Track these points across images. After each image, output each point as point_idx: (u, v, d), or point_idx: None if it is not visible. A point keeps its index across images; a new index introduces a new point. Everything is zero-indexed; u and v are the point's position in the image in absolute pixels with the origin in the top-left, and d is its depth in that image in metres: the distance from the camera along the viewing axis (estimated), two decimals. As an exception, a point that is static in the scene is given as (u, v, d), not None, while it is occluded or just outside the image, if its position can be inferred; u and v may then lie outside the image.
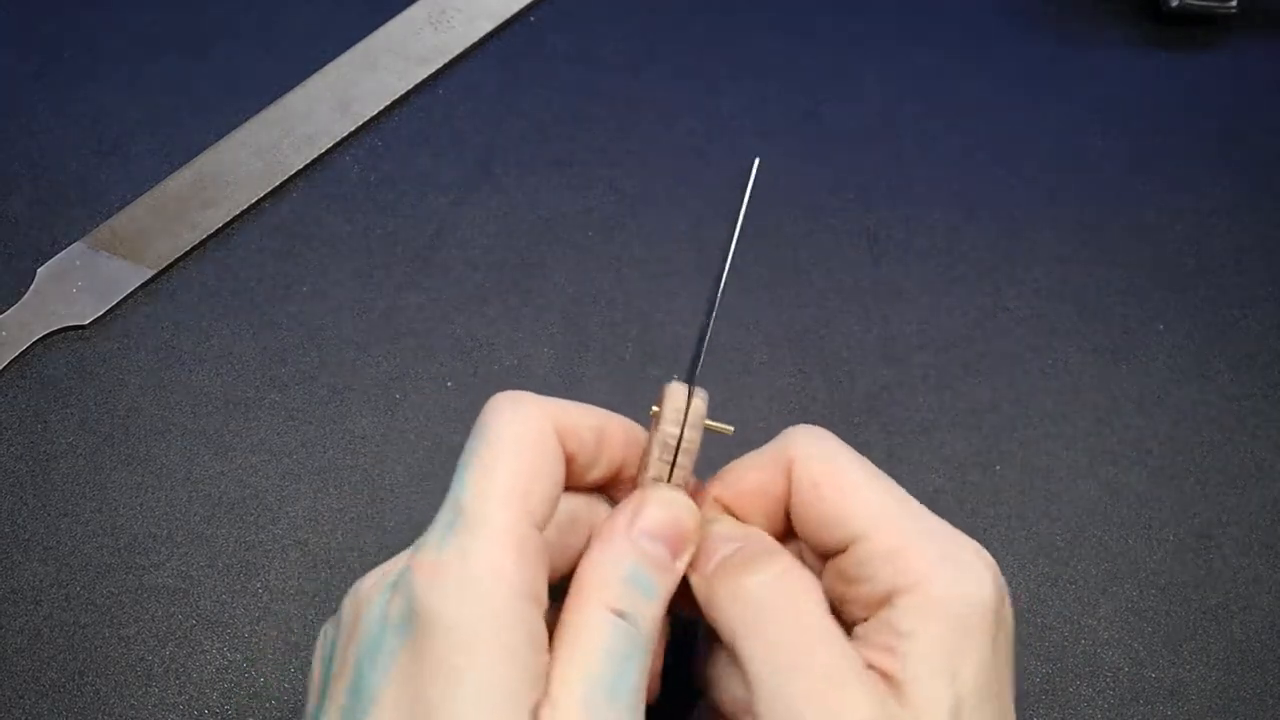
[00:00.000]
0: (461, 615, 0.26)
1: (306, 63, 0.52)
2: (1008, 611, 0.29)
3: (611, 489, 0.33)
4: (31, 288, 0.45)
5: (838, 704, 0.27)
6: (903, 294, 0.47)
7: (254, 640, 0.39)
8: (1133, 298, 0.48)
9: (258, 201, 0.48)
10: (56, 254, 0.46)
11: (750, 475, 0.32)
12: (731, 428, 0.32)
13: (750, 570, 0.29)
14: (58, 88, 0.51)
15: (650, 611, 0.28)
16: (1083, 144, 0.52)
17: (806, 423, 0.32)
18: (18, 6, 0.53)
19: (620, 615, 0.28)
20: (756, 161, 0.33)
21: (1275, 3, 0.56)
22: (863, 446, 0.43)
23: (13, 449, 0.42)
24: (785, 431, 0.31)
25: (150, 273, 0.46)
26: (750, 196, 0.33)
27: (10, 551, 0.40)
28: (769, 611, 0.28)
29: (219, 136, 0.49)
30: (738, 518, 0.32)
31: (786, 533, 0.32)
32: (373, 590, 0.29)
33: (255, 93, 0.51)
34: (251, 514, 0.41)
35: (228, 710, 0.38)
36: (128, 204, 0.47)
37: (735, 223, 0.33)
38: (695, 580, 0.30)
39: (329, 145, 0.49)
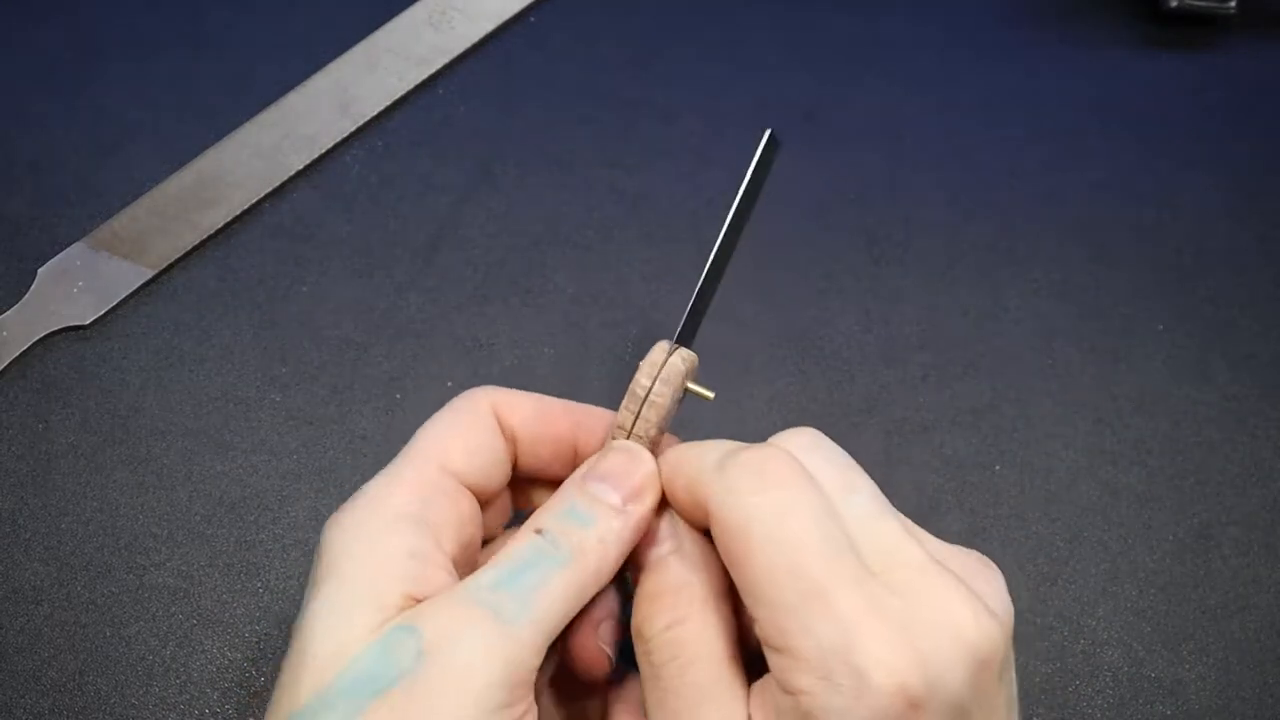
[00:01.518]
0: (338, 533, 0.29)
1: (307, 63, 0.52)
2: (925, 713, 0.26)
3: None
4: (32, 288, 0.45)
5: None
6: (903, 294, 0.47)
7: (254, 640, 0.39)
8: (1132, 298, 0.48)
9: (258, 202, 0.48)
10: (57, 254, 0.46)
11: (680, 489, 0.30)
12: (712, 394, 0.33)
13: (651, 617, 0.29)
14: (58, 88, 0.51)
15: (578, 536, 0.29)
16: (1083, 144, 0.52)
17: (807, 423, 0.31)
18: (18, 6, 0.53)
19: (539, 532, 0.29)
20: (767, 133, 0.33)
21: (1275, 3, 0.56)
22: (862, 446, 0.44)
23: (13, 449, 0.42)
24: (728, 458, 0.29)
25: (150, 273, 0.46)
26: (755, 168, 0.33)
27: (11, 551, 0.40)
28: (660, 663, 0.28)
29: (219, 137, 0.49)
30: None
31: None
32: None
33: (256, 93, 0.51)
34: (251, 514, 0.41)
35: (228, 710, 0.38)
36: (128, 204, 0.47)
37: (738, 189, 0.33)
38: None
39: (329, 145, 0.49)
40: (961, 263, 0.48)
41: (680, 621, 0.28)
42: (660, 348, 0.33)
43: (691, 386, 0.33)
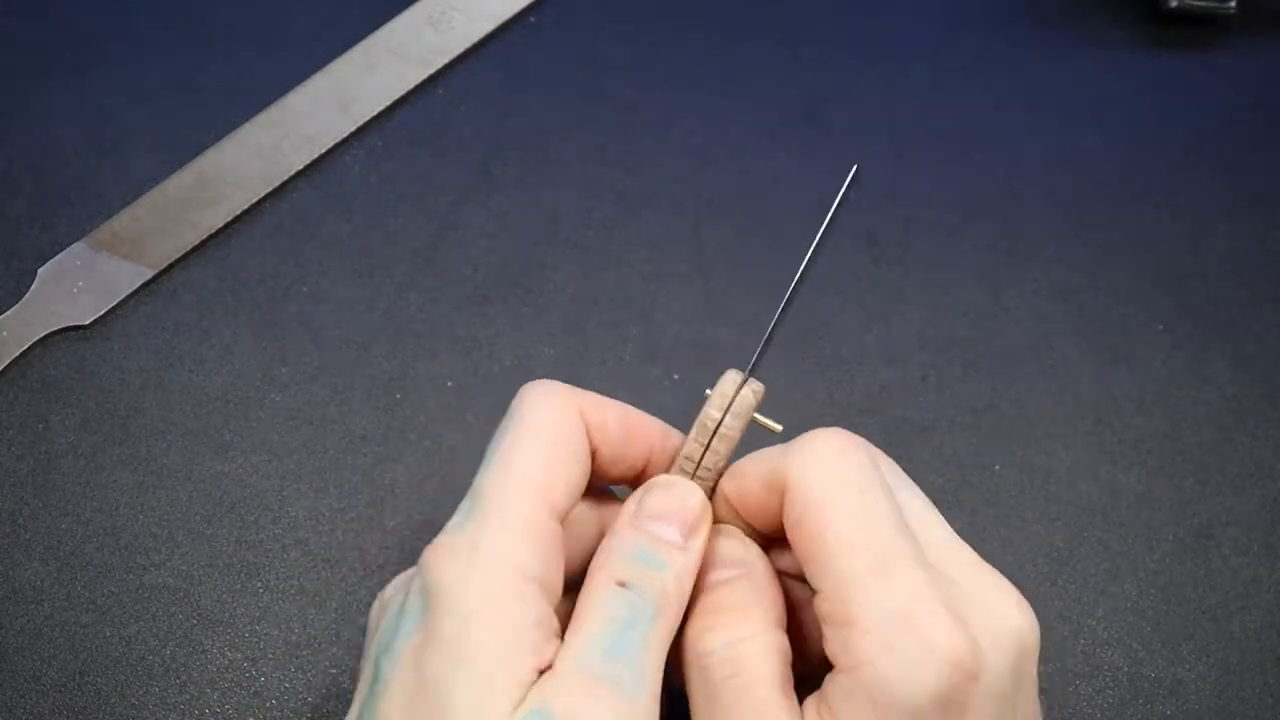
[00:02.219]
0: (465, 592, 0.27)
1: (307, 63, 0.52)
2: (973, 700, 0.27)
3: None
4: (32, 288, 0.45)
5: None
6: (903, 294, 0.47)
7: (254, 640, 0.39)
8: (1132, 298, 0.48)
9: (258, 202, 0.48)
10: (57, 254, 0.46)
11: (752, 482, 0.31)
12: (780, 427, 0.32)
13: (714, 630, 0.29)
14: (58, 88, 0.51)
15: (659, 582, 0.28)
16: (1083, 144, 0.52)
17: (807, 424, 0.31)
18: (19, 7, 0.53)
19: (623, 585, 0.28)
20: (854, 169, 0.33)
21: (1275, 3, 0.56)
22: (862, 446, 0.43)
23: (13, 449, 0.42)
24: (802, 437, 0.30)
25: (150, 273, 0.46)
26: (840, 203, 0.33)
27: (11, 551, 0.40)
28: (720, 679, 0.28)
29: (219, 136, 0.49)
30: (744, 518, 0.31)
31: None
32: (394, 592, 0.29)
33: (256, 93, 0.51)
34: (251, 514, 0.41)
35: (228, 710, 0.38)
36: (128, 204, 0.47)
37: (823, 224, 0.33)
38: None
39: (329, 145, 0.49)
40: (961, 263, 0.48)
41: (747, 639, 0.28)
42: (731, 379, 0.32)
43: (759, 419, 0.32)
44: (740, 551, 0.31)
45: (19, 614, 0.39)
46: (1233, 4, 0.54)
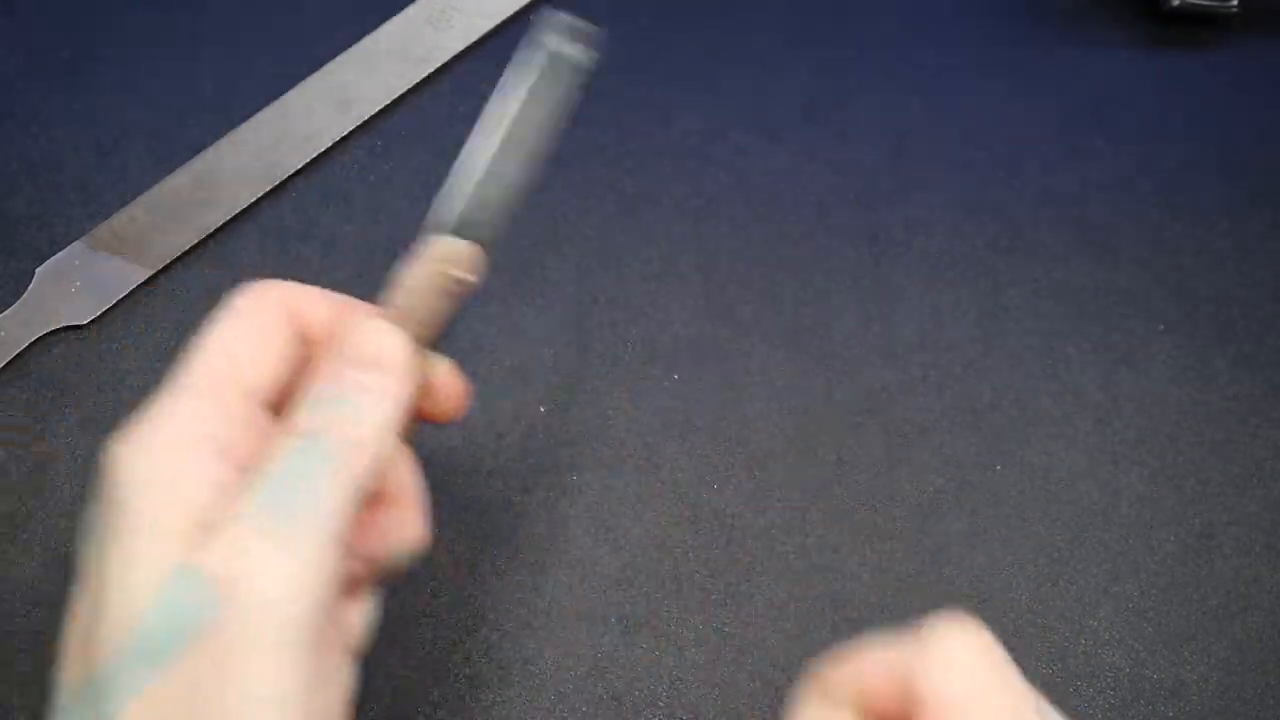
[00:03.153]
0: (128, 461, 0.26)
1: (306, 62, 0.51)
2: None
3: None
4: (30, 287, 0.45)
5: None
6: (903, 294, 0.47)
7: (253, 641, 0.39)
8: (1133, 297, 0.48)
9: (257, 201, 0.48)
10: (55, 254, 0.46)
11: (879, 680, 0.27)
12: (473, 276, 0.32)
13: None
14: (57, 88, 0.51)
15: (341, 425, 0.27)
16: (1083, 144, 0.52)
17: (808, 425, 0.31)
18: (18, 7, 0.53)
19: (299, 434, 0.27)
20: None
21: (1276, 2, 0.56)
22: (863, 446, 0.44)
23: (11, 449, 0.42)
24: (931, 637, 0.26)
25: (149, 273, 0.46)
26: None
27: (9, 551, 0.40)
28: None
29: (218, 136, 0.49)
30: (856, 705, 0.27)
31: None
32: None
33: (254, 92, 0.51)
34: (251, 514, 0.41)
35: (227, 711, 0.38)
36: (127, 204, 0.47)
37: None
38: None
39: (328, 145, 0.49)
40: (961, 263, 0.48)
41: None
42: (453, 255, 0.32)
43: (448, 270, 0.32)
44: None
45: (17, 615, 0.39)
46: (1234, 3, 0.54)
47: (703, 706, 0.39)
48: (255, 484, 0.26)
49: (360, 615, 0.30)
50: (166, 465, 0.26)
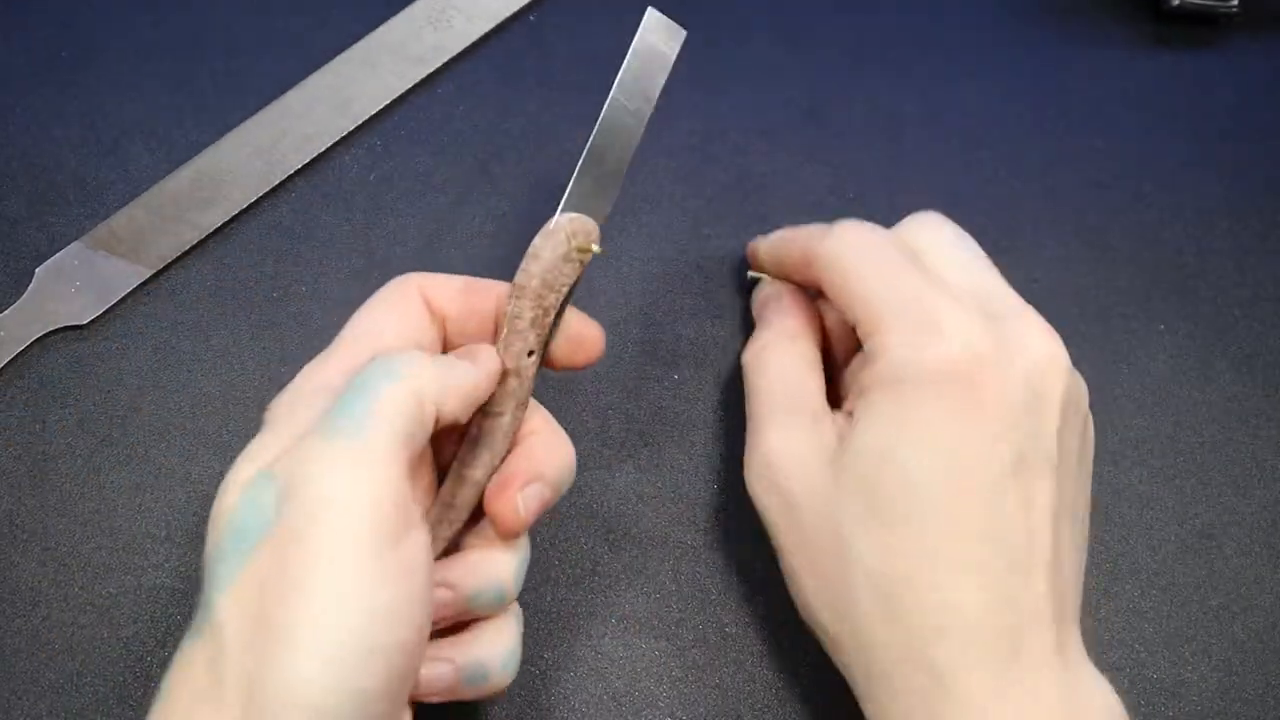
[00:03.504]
0: (270, 409, 0.32)
1: (306, 62, 0.51)
2: (988, 387, 0.32)
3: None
4: (30, 287, 0.45)
5: (770, 426, 0.36)
6: (903, 294, 0.47)
7: (253, 641, 0.39)
8: (1133, 298, 0.48)
9: (257, 201, 0.48)
10: (55, 254, 0.46)
11: (792, 252, 0.40)
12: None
13: (756, 339, 0.39)
14: (56, 87, 0.51)
15: (410, 355, 0.31)
16: (1083, 144, 0.52)
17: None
18: (17, 6, 0.53)
19: (372, 358, 0.31)
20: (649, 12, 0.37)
21: (1276, 2, 0.56)
22: (863, 447, 0.43)
23: (11, 449, 0.42)
24: (821, 231, 0.37)
25: (149, 272, 0.46)
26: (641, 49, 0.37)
27: (8, 552, 0.40)
28: (762, 371, 0.38)
29: (218, 136, 0.49)
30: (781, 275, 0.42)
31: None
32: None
33: (254, 92, 0.51)
34: (251, 514, 0.41)
35: (227, 711, 0.38)
36: (126, 203, 0.47)
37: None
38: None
39: (328, 145, 0.49)
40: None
41: (765, 347, 0.38)
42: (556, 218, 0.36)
43: (581, 244, 0.36)
44: (768, 289, 0.41)
45: (16, 615, 0.39)
46: (1234, 2, 0.54)
47: (703, 706, 0.39)
48: (333, 398, 0.30)
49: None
50: (290, 406, 0.31)
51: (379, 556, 0.27)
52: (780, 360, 0.37)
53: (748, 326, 0.46)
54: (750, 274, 0.45)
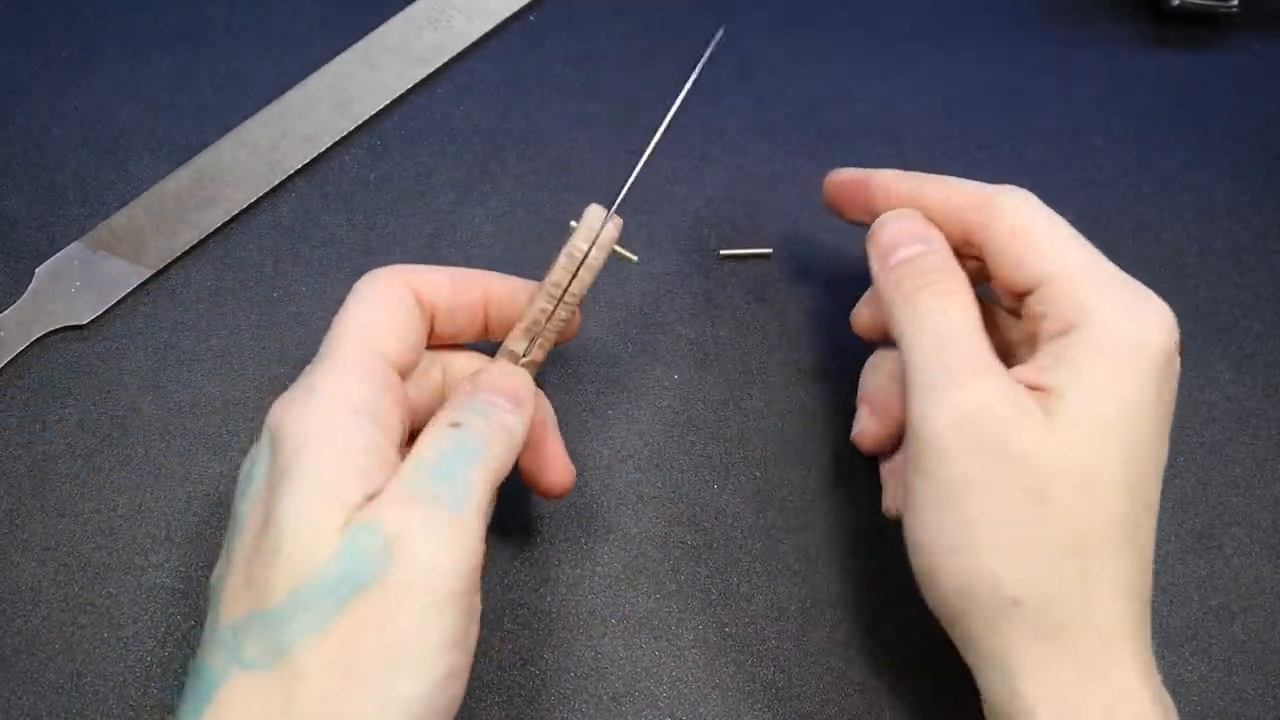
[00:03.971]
0: (301, 429, 0.30)
1: (306, 62, 0.51)
2: (1175, 366, 0.33)
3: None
4: (30, 287, 0.45)
5: (970, 377, 0.33)
6: (903, 294, 0.47)
7: (253, 641, 0.39)
8: (1133, 298, 0.48)
9: (257, 201, 0.48)
10: (55, 253, 0.46)
11: (958, 194, 0.37)
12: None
13: (922, 285, 0.35)
14: (57, 87, 0.51)
15: (488, 425, 0.32)
16: (1084, 143, 0.52)
17: (815, 429, 0.32)
18: (17, 6, 0.53)
19: (454, 425, 0.32)
20: (720, 32, 0.38)
21: (1276, 2, 0.56)
22: (863, 447, 0.43)
23: (11, 449, 0.42)
24: (995, 186, 0.36)
25: (149, 272, 0.46)
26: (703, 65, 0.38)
27: (8, 552, 0.40)
28: (932, 317, 0.34)
29: (218, 136, 0.49)
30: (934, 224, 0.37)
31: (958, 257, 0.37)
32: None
33: (254, 92, 0.51)
34: (251, 514, 0.41)
35: (227, 711, 0.38)
36: (126, 203, 0.47)
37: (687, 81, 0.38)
38: (876, 269, 0.37)
39: (328, 144, 0.49)
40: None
41: (954, 293, 0.35)
42: (595, 213, 0.36)
43: (619, 249, 0.36)
44: (922, 229, 0.37)
45: (16, 615, 0.39)
46: (1235, 2, 0.54)
47: (703, 706, 0.39)
48: (420, 461, 0.31)
49: None
50: (331, 431, 0.30)
51: (466, 618, 0.29)
52: (966, 308, 0.34)
53: (747, 326, 0.46)
54: (722, 251, 0.46)
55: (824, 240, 0.48)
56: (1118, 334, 0.33)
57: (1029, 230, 0.35)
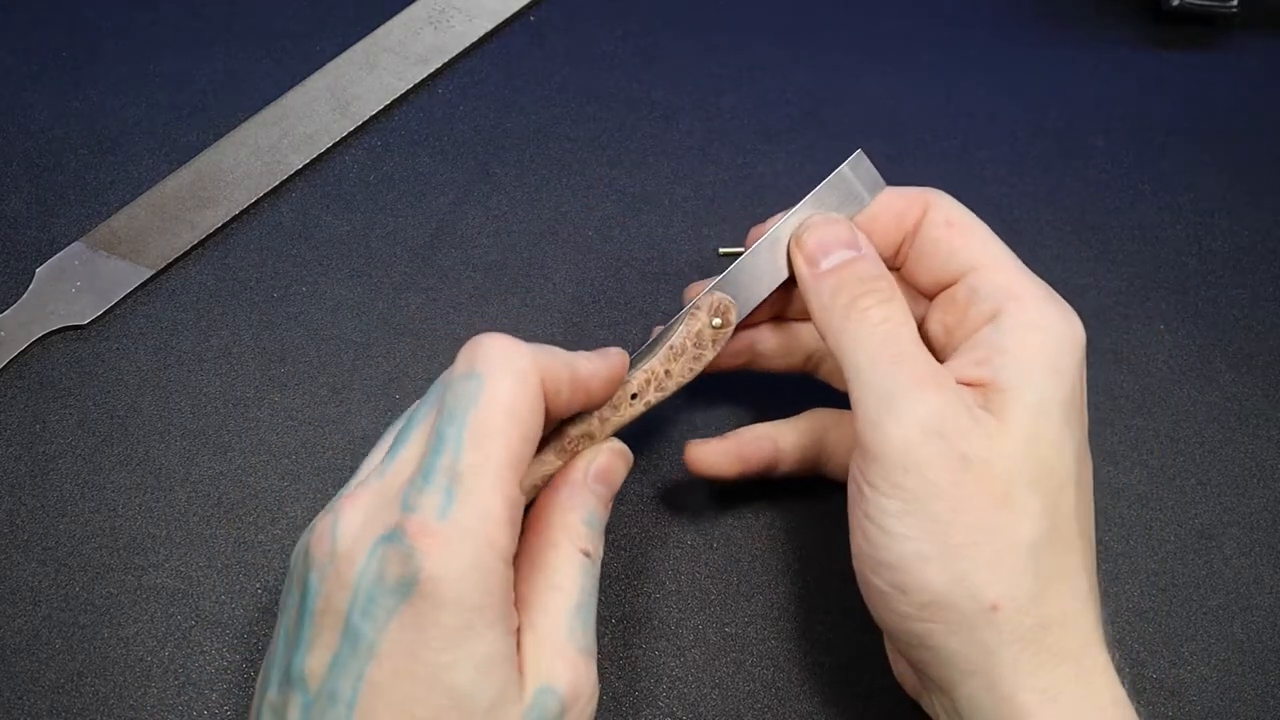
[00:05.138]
0: (463, 588, 0.29)
1: (306, 62, 0.51)
2: (1081, 365, 0.34)
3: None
4: (30, 288, 0.45)
5: (927, 388, 0.33)
6: (903, 294, 0.47)
7: (254, 640, 0.39)
8: (1133, 298, 0.48)
9: (257, 201, 0.48)
10: (55, 254, 0.46)
11: (892, 200, 0.37)
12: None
13: (863, 293, 0.35)
14: (57, 88, 0.51)
15: (600, 547, 0.34)
16: (1084, 143, 0.52)
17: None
18: (18, 6, 0.53)
19: (586, 555, 0.33)
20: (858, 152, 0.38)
21: (1276, 2, 0.56)
22: (863, 447, 0.43)
23: (11, 449, 0.42)
24: (923, 189, 0.37)
25: (149, 272, 0.46)
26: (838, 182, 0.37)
27: (9, 552, 0.40)
28: (880, 327, 0.34)
29: (218, 136, 0.49)
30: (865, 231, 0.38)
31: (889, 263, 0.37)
32: (357, 544, 0.30)
33: (254, 92, 0.51)
34: (251, 514, 0.41)
35: (226, 711, 0.38)
36: (127, 204, 0.47)
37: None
38: (805, 274, 0.36)
39: (328, 145, 0.49)
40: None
41: (889, 299, 0.35)
42: (719, 306, 0.37)
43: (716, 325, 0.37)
44: (850, 233, 0.37)
45: (17, 615, 0.39)
46: (1234, 3, 0.54)
47: (703, 706, 0.39)
48: (570, 605, 0.32)
49: None
50: (497, 589, 0.29)
51: None
52: (907, 315, 0.35)
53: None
54: (721, 251, 0.46)
55: (824, 240, 0.48)
56: (1047, 321, 0.34)
57: (963, 220, 0.36)
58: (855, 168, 0.37)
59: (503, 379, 0.31)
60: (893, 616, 0.33)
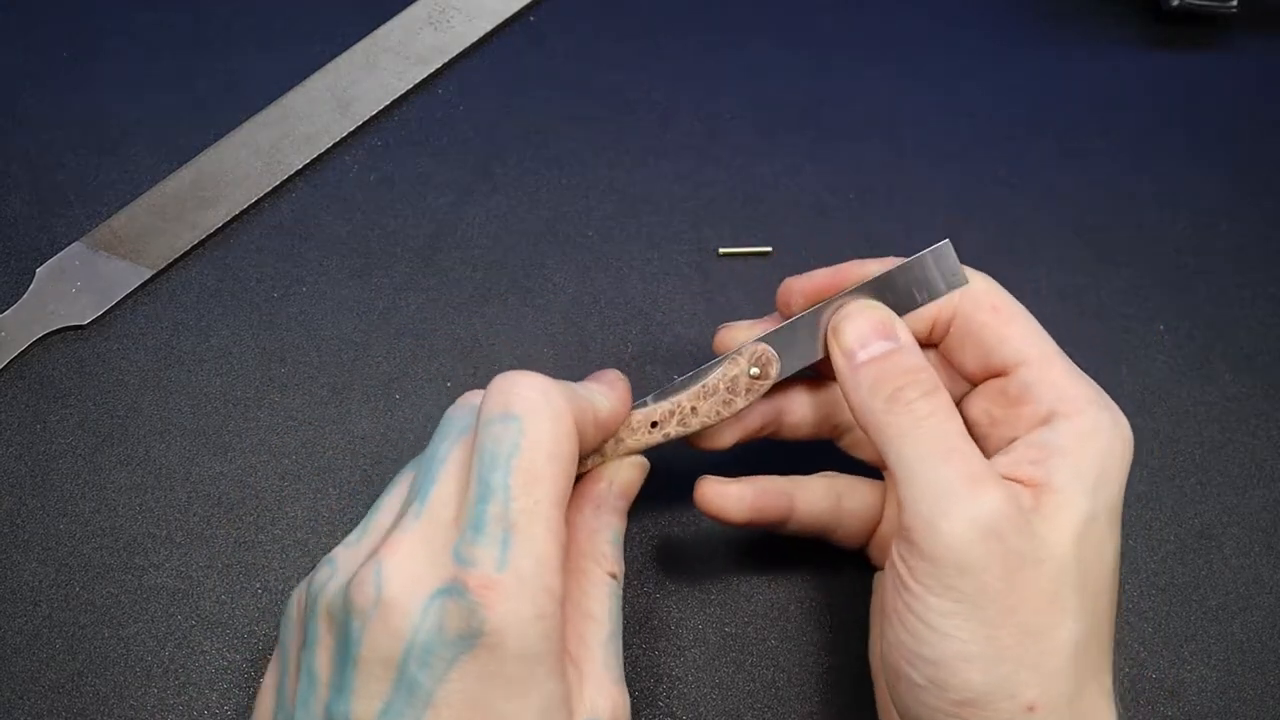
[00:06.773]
0: (527, 640, 0.29)
1: (306, 62, 0.51)
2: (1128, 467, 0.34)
3: None
4: (31, 288, 0.45)
5: (983, 486, 0.32)
6: (903, 294, 0.47)
7: (254, 640, 0.39)
8: (1133, 298, 0.48)
9: (257, 201, 0.48)
10: (56, 254, 0.46)
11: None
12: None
13: (906, 385, 0.34)
14: (57, 87, 0.51)
15: (622, 565, 0.34)
16: (1084, 143, 0.52)
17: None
18: (18, 6, 0.53)
19: (614, 577, 0.34)
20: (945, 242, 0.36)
21: (1276, 2, 0.56)
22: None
23: (12, 449, 0.42)
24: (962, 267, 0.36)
25: (150, 273, 0.46)
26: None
27: (9, 552, 0.40)
28: (928, 422, 0.33)
29: (219, 136, 0.49)
30: None
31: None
32: (406, 595, 0.29)
33: (255, 92, 0.51)
34: (251, 514, 0.41)
35: (226, 711, 0.38)
36: (127, 204, 0.47)
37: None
38: (842, 365, 0.35)
39: (328, 145, 0.49)
40: (962, 263, 0.48)
41: (934, 390, 0.34)
42: (761, 357, 0.36)
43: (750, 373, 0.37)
44: (888, 322, 0.35)
45: (17, 615, 0.39)
46: (1234, 3, 0.54)
47: (703, 706, 0.39)
48: (603, 634, 0.33)
49: None
50: (557, 640, 0.30)
51: None
52: (953, 410, 0.34)
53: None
54: (721, 250, 0.46)
55: (824, 239, 0.48)
56: (1101, 428, 0.34)
57: (1008, 307, 0.36)
58: (939, 257, 0.36)
59: (542, 422, 0.31)
60: (922, 708, 0.32)
